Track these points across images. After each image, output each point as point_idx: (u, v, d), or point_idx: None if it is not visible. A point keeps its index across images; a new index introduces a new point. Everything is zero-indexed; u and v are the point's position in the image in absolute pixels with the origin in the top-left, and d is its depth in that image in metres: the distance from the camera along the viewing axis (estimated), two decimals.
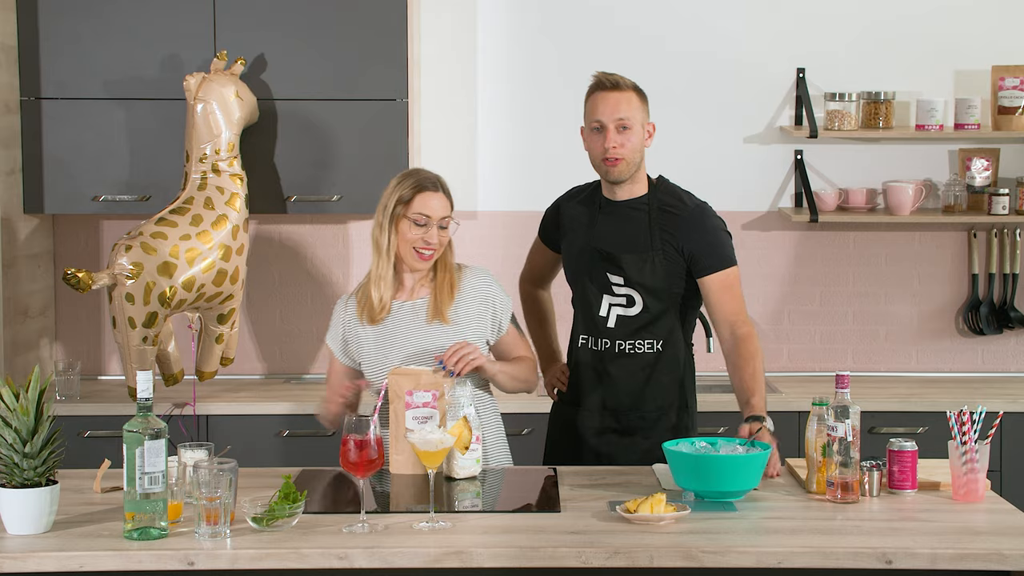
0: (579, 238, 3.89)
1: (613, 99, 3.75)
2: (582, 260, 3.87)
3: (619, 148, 3.75)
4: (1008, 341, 5.30)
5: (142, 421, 3.00)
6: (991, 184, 5.14)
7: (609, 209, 3.86)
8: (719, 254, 3.78)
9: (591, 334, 3.86)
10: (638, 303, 3.80)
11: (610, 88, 3.77)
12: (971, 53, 5.20)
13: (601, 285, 3.83)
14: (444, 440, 3.16)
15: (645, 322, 3.80)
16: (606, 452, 3.84)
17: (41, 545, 2.96)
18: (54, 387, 4.79)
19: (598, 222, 3.86)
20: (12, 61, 4.83)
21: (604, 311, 3.83)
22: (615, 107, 3.74)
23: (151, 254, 4.59)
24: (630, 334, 3.81)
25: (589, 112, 3.80)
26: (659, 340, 3.81)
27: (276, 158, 4.91)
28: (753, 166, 5.25)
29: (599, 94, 3.78)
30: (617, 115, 3.74)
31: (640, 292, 3.79)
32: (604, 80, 3.79)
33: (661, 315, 3.81)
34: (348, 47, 4.87)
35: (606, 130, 3.74)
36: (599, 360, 3.84)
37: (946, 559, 2.91)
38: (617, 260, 3.80)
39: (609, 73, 3.81)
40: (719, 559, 2.92)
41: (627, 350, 3.82)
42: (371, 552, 2.92)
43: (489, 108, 5.28)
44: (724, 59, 5.23)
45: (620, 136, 3.74)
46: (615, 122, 3.74)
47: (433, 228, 3.63)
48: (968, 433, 3.31)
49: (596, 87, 3.80)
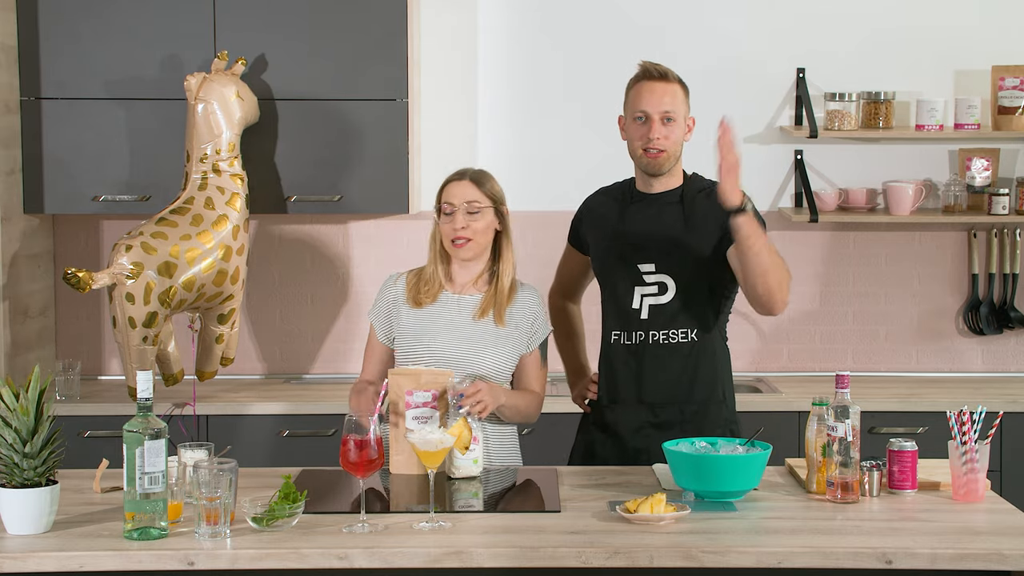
0: (607, 231, 3.84)
1: (660, 90, 3.71)
2: (611, 253, 3.82)
3: (663, 140, 3.71)
4: (1008, 341, 5.30)
5: (142, 421, 3.00)
6: (991, 184, 5.14)
7: (641, 201, 3.81)
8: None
9: (624, 328, 3.79)
10: (670, 289, 3.74)
11: (657, 79, 3.72)
12: (971, 53, 5.20)
13: (631, 276, 3.77)
14: (444, 440, 3.16)
15: (678, 309, 3.74)
16: (644, 448, 3.76)
17: (41, 545, 2.96)
18: (54, 387, 4.79)
19: (628, 214, 3.81)
20: (12, 61, 4.84)
21: (636, 303, 3.76)
22: (661, 99, 3.70)
23: (151, 254, 4.58)
24: (664, 323, 3.75)
25: (632, 101, 3.75)
26: (693, 329, 3.75)
27: (276, 158, 4.91)
28: (753, 166, 5.24)
29: (645, 84, 3.73)
30: (662, 107, 3.70)
31: (673, 276, 3.73)
32: (652, 70, 3.73)
33: (694, 301, 3.74)
34: (348, 47, 4.87)
35: (651, 121, 3.70)
36: (633, 354, 3.78)
37: (946, 559, 2.91)
38: (647, 246, 3.75)
39: (656, 63, 3.75)
40: (719, 559, 2.92)
41: (661, 340, 3.76)
42: (371, 552, 2.92)
43: (489, 108, 5.28)
44: (724, 59, 5.23)
45: (664, 128, 3.71)
46: (660, 114, 3.70)
47: (459, 215, 3.65)
48: (968, 433, 3.31)
49: (642, 76, 3.74)
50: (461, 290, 3.74)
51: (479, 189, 3.69)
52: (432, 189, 5.23)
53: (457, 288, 3.74)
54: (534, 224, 5.20)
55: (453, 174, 3.74)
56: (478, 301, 3.71)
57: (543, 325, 3.76)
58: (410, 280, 3.78)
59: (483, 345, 3.67)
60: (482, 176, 3.73)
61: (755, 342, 5.29)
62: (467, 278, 3.74)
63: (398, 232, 5.27)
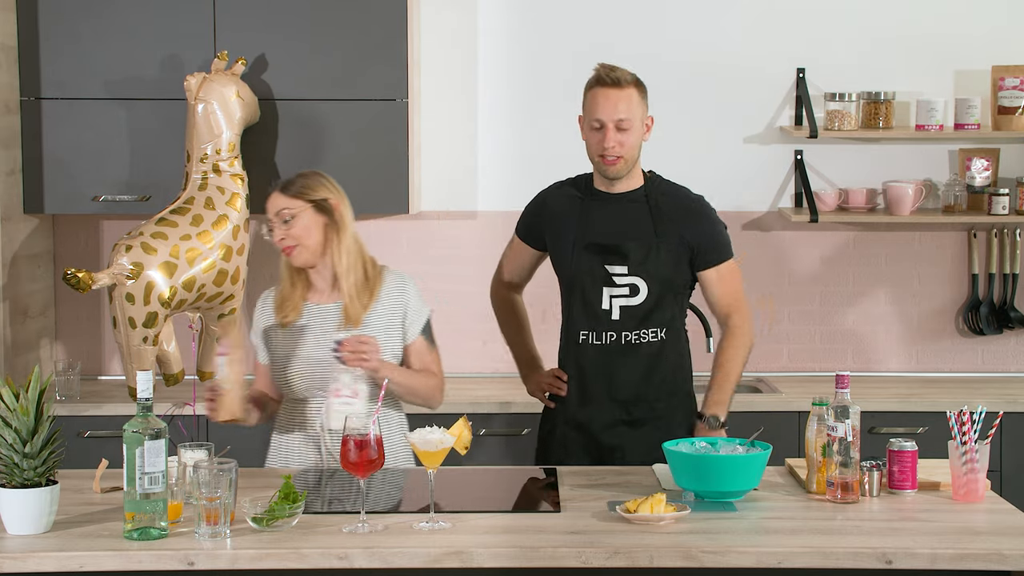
0: (570, 231, 3.86)
1: (613, 98, 3.73)
2: (576, 254, 3.84)
3: (618, 147, 3.74)
4: (1008, 341, 5.30)
5: (142, 421, 3.00)
6: (991, 184, 5.14)
7: (603, 200, 3.85)
8: (723, 247, 3.85)
9: (593, 328, 3.83)
10: (643, 291, 3.79)
11: (610, 85, 3.73)
12: (971, 53, 5.20)
13: (600, 278, 3.81)
14: (444, 440, 3.16)
15: (649, 310, 3.80)
16: (618, 444, 3.83)
17: (41, 545, 2.96)
18: (54, 387, 4.79)
19: (591, 214, 3.84)
20: (12, 61, 4.83)
21: (606, 304, 3.81)
22: (615, 107, 3.72)
23: (151, 254, 4.59)
24: (636, 324, 3.80)
25: (588, 108, 3.78)
26: (663, 328, 3.82)
27: (277, 158, 4.91)
28: (753, 166, 5.25)
29: (599, 91, 3.75)
30: (617, 115, 3.72)
31: (645, 280, 3.79)
32: (604, 76, 3.74)
33: (664, 303, 3.81)
34: (348, 47, 4.87)
35: (605, 129, 3.73)
36: (605, 354, 3.82)
37: (946, 559, 2.91)
38: (620, 249, 3.78)
39: (610, 67, 3.76)
40: (719, 559, 2.92)
41: (633, 340, 3.81)
42: (371, 552, 2.92)
43: (489, 108, 5.27)
44: (724, 59, 5.23)
45: (619, 135, 3.73)
46: (615, 122, 3.72)
47: (277, 227, 3.64)
48: (968, 433, 3.31)
49: (596, 82, 3.76)
50: (321, 298, 3.71)
51: (285, 195, 3.65)
52: (432, 189, 5.28)
53: (319, 297, 3.71)
54: None
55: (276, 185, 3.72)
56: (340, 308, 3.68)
57: (418, 309, 3.72)
58: (276, 299, 3.75)
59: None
60: (293, 181, 3.69)
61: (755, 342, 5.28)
62: (324, 283, 3.70)
63: (398, 232, 5.27)
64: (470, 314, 5.25)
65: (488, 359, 5.27)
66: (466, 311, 5.26)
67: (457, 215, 5.27)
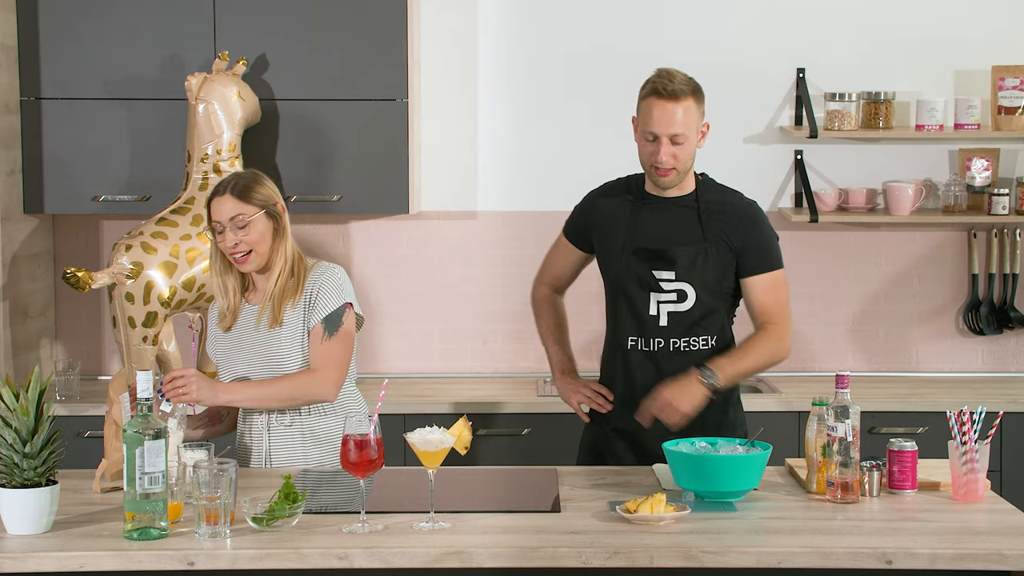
0: (618, 235, 3.77)
1: (670, 112, 3.61)
2: (624, 258, 3.74)
3: (671, 160, 3.64)
4: (1008, 341, 5.30)
5: (142, 421, 3.00)
6: (991, 184, 5.14)
7: (654, 205, 3.75)
8: (770, 255, 3.73)
9: (641, 335, 3.73)
10: (690, 297, 3.70)
11: (667, 98, 3.60)
12: (971, 53, 5.20)
13: (646, 283, 3.71)
14: (444, 440, 3.15)
15: (698, 317, 3.71)
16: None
17: (41, 545, 2.96)
18: (54, 387, 4.79)
19: (641, 218, 3.75)
20: (12, 61, 4.83)
21: (653, 310, 3.71)
22: (671, 121, 3.61)
23: (151, 254, 4.59)
24: (684, 331, 3.71)
25: (643, 119, 3.65)
26: (712, 336, 3.73)
27: (277, 158, 4.91)
28: (753, 166, 5.25)
29: (655, 102, 3.62)
30: (672, 130, 3.61)
31: (694, 286, 3.69)
32: (662, 88, 3.61)
33: (713, 310, 3.72)
34: (348, 47, 4.87)
35: (659, 141, 3.63)
36: (652, 360, 3.73)
37: (946, 559, 2.91)
38: (668, 255, 3.69)
39: (668, 76, 3.63)
40: (719, 559, 2.92)
41: (682, 348, 3.71)
42: (371, 552, 2.92)
43: (489, 108, 5.27)
44: (724, 59, 5.23)
45: (673, 148, 3.63)
46: (670, 136, 3.62)
47: (228, 232, 3.57)
48: (968, 433, 3.31)
49: (652, 92, 3.63)
50: (256, 298, 3.70)
51: (240, 200, 3.59)
52: (432, 189, 5.28)
53: (255, 297, 3.71)
54: (534, 224, 5.20)
55: (217, 187, 3.64)
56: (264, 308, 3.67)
57: (328, 298, 3.63)
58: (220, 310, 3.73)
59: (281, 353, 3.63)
60: (243, 186, 3.61)
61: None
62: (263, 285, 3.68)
63: (398, 232, 5.27)
64: (470, 314, 5.26)
65: (488, 359, 5.27)
66: (466, 311, 5.26)
67: (457, 215, 5.27)
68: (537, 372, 4.99)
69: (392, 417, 4.46)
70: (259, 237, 3.60)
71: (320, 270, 3.68)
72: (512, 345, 5.22)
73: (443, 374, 5.26)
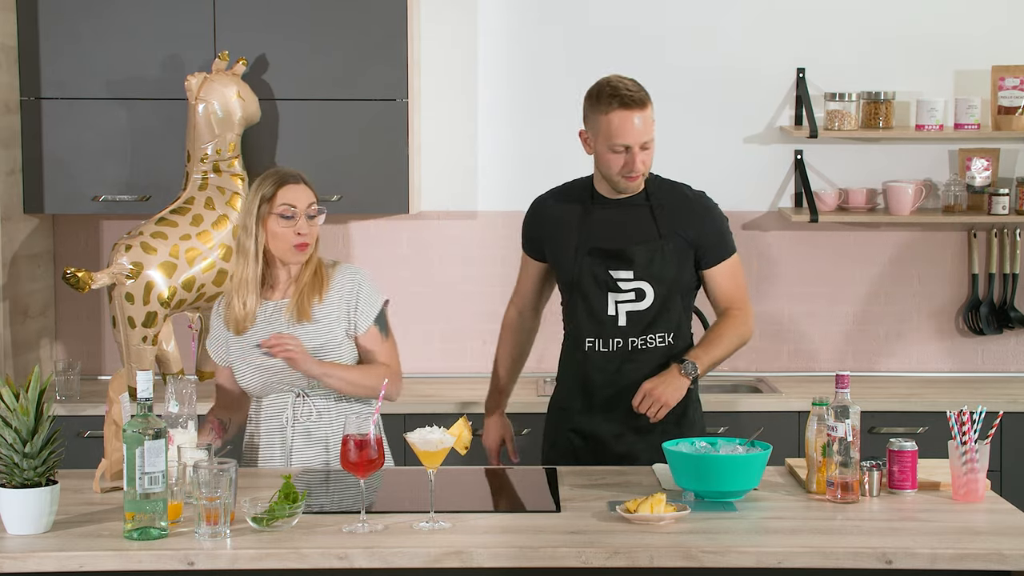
0: (571, 238, 3.79)
1: (638, 120, 3.61)
2: (579, 260, 3.77)
3: (642, 165, 3.66)
4: (1008, 341, 5.30)
5: (142, 421, 3.00)
6: (991, 184, 5.14)
7: (605, 206, 3.78)
8: (725, 242, 3.80)
9: (599, 336, 3.76)
10: (649, 296, 3.73)
11: (635, 107, 3.60)
12: (971, 53, 5.20)
13: (604, 284, 3.75)
14: (444, 440, 3.15)
15: (656, 315, 3.74)
16: (626, 453, 3.75)
17: (41, 545, 2.96)
18: (54, 387, 4.79)
19: (593, 219, 3.78)
20: (12, 61, 4.84)
21: (612, 310, 3.75)
22: (642, 130, 3.62)
23: (151, 254, 4.59)
24: (642, 330, 3.75)
25: (609, 131, 3.63)
26: (670, 333, 3.77)
27: (277, 158, 4.91)
28: (753, 166, 5.25)
29: (622, 113, 3.61)
30: (643, 138, 3.62)
31: (652, 283, 3.73)
32: (627, 98, 3.60)
33: (670, 307, 3.75)
34: (348, 47, 4.87)
35: (632, 151, 3.63)
36: (610, 360, 3.76)
37: (946, 559, 2.91)
38: (625, 254, 3.72)
39: (627, 85, 3.64)
40: (719, 559, 2.92)
41: (639, 347, 3.75)
42: (371, 552, 2.92)
43: (489, 108, 5.27)
44: (724, 59, 5.23)
45: (643, 153, 3.65)
46: (641, 144, 3.63)
47: (302, 219, 3.59)
48: (968, 433, 3.31)
49: (620, 105, 3.61)
50: (273, 295, 3.68)
51: (312, 191, 3.66)
52: (432, 189, 5.28)
53: (280, 293, 3.68)
54: None
55: (284, 177, 3.64)
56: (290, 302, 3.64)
57: (369, 298, 3.67)
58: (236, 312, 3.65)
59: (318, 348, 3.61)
60: (308, 178, 3.69)
61: (755, 342, 5.28)
62: (283, 282, 3.67)
63: (398, 232, 5.27)
64: (470, 314, 5.26)
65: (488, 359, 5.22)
66: (466, 311, 5.26)
67: (457, 215, 5.27)
68: (537, 372, 4.98)
69: (392, 417, 4.46)
70: (316, 229, 3.64)
71: (350, 271, 3.70)
72: None
73: (443, 374, 5.26)
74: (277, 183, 3.63)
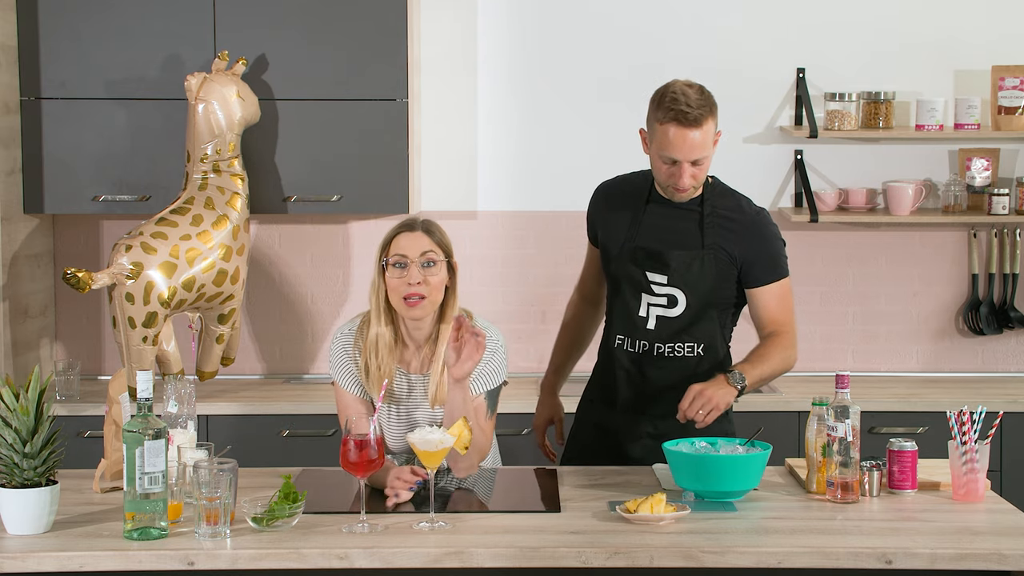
0: (621, 232, 3.72)
1: (691, 139, 3.50)
2: (622, 257, 3.70)
3: (690, 180, 3.56)
4: (1008, 341, 5.30)
5: (142, 421, 3.00)
6: (991, 184, 5.15)
7: (659, 204, 3.69)
8: (775, 266, 3.66)
9: (628, 334, 3.70)
10: (680, 303, 3.64)
11: (689, 126, 3.49)
12: (971, 53, 5.20)
13: (639, 284, 3.67)
14: (444, 440, 3.15)
15: (686, 324, 3.65)
16: (641, 458, 3.69)
17: (41, 545, 2.97)
18: (54, 387, 4.79)
19: (645, 217, 3.70)
20: (12, 61, 4.84)
21: (643, 311, 3.67)
22: (692, 148, 3.51)
23: (151, 254, 4.59)
24: (670, 336, 3.66)
25: (661, 142, 3.52)
26: (700, 344, 3.67)
27: (276, 158, 4.91)
28: (753, 166, 5.25)
29: (676, 130, 3.49)
30: (693, 156, 3.53)
31: (684, 292, 3.63)
32: (682, 117, 3.48)
33: (703, 318, 3.65)
34: (348, 47, 4.87)
35: (680, 165, 3.54)
36: (635, 363, 3.70)
37: (946, 559, 2.91)
38: (663, 257, 3.64)
39: (685, 98, 3.50)
40: (719, 559, 2.92)
41: (666, 353, 3.67)
42: (371, 552, 2.92)
43: (489, 108, 5.27)
44: (724, 59, 5.23)
45: (693, 169, 3.55)
46: (691, 161, 3.54)
47: (413, 268, 3.38)
48: (968, 433, 3.31)
49: (673, 121, 3.49)
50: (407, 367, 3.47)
51: (431, 240, 3.43)
52: (432, 189, 5.28)
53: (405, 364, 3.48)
54: (534, 224, 5.20)
55: (403, 224, 3.44)
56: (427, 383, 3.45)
57: (495, 370, 3.48)
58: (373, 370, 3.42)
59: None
60: (434, 226, 3.46)
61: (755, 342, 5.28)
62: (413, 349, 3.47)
63: None
64: None
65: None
66: None
67: (457, 215, 5.27)
68: (537, 372, 4.98)
69: None
70: (439, 284, 3.41)
71: (493, 332, 3.50)
72: (512, 345, 5.21)
73: None
74: (396, 230, 3.43)
